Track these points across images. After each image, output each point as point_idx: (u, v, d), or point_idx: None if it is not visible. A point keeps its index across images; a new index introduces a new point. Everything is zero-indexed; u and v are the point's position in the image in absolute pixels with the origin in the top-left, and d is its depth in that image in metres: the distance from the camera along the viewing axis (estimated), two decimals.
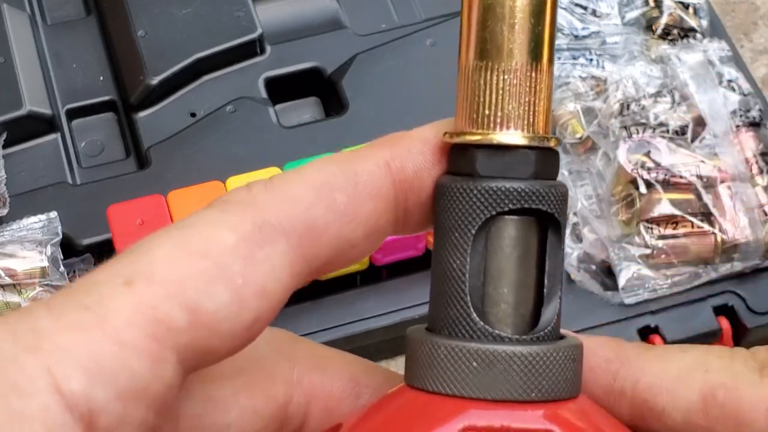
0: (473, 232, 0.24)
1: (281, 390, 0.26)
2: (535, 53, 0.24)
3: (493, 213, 0.24)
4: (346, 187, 0.24)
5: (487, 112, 0.24)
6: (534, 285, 0.24)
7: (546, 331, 0.24)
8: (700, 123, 0.68)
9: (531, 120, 0.24)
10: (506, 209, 0.24)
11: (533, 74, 0.24)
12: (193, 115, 0.71)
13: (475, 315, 0.24)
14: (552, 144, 0.24)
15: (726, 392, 0.24)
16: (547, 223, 0.24)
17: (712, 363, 0.25)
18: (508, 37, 0.24)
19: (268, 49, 0.74)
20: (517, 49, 0.24)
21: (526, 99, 0.24)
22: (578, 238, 0.67)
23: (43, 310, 0.22)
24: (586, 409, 0.24)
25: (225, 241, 0.23)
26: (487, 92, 0.24)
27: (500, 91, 0.24)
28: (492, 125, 0.24)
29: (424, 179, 0.25)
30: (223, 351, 0.23)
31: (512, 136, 0.24)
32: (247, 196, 0.24)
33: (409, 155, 0.25)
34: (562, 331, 0.25)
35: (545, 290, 0.24)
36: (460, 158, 0.24)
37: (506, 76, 0.24)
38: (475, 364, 0.23)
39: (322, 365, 0.27)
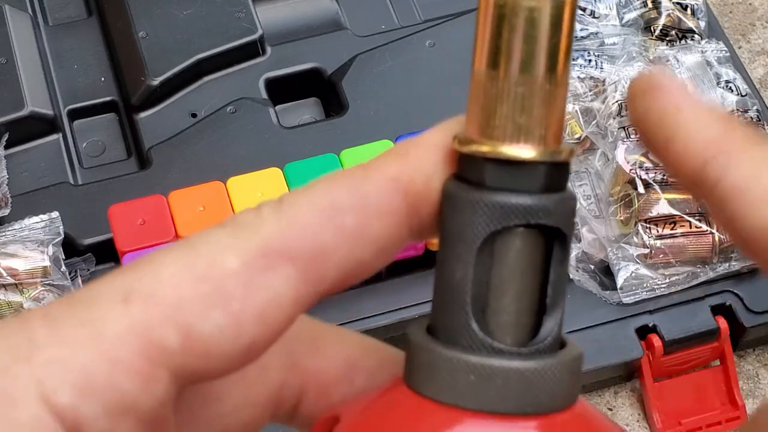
0: (478, 244, 0.23)
1: (275, 376, 0.26)
2: (549, 65, 0.23)
3: (499, 227, 0.23)
4: (355, 208, 0.23)
5: (497, 123, 0.23)
6: (537, 296, 0.24)
7: (546, 342, 0.24)
8: None
9: (543, 133, 0.23)
10: (512, 224, 0.23)
11: (547, 86, 0.23)
12: (193, 115, 0.72)
13: (475, 325, 0.23)
14: (563, 157, 0.23)
15: None
16: (553, 236, 0.24)
17: None
18: (523, 48, 0.23)
19: (269, 49, 0.74)
20: (531, 60, 0.23)
21: (539, 111, 0.23)
22: (577, 238, 0.67)
23: (39, 320, 0.22)
24: (581, 418, 0.24)
25: (228, 266, 0.22)
26: (499, 103, 0.23)
27: (512, 103, 0.23)
28: (502, 137, 0.23)
29: (436, 187, 0.24)
30: (219, 372, 0.23)
31: (522, 150, 0.23)
32: (255, 219, 0.23)
33: (418, 165, 0.24)
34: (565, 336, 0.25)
35: (548, 301, 0.24)
36: (468, 166, 0.24)
37: (518, 88, 0.23)
38: (472, 377, 0.23)
39: (318, 346, 0.27)
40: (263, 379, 0.26)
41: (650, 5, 0.74)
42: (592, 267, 0.66)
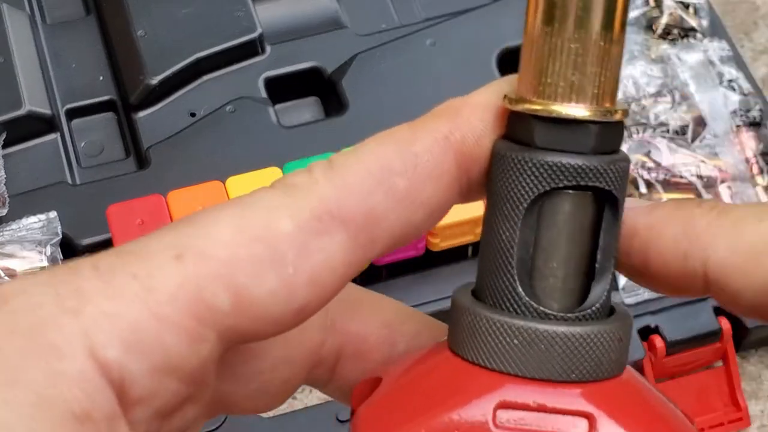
0: (525, 205, 0.23)
1: (314, 336, 0.26)
2: (606, 21, 0.22)
3: (548, 188, 0.23)
4: (406, 170, 0.23)
5: (549, 81, 0.23)
6: (585, 260, 0.23)
7: (594, 308, 0.23)
8: (700, 123, 0.68)
9: (596, 92, 0.23)
10: (561, 185, 0.23)
11: (602, 44, 0.22)
12: (192, 115, 0.71)
13: (520, 289, 0.23)
14: (617, 117, 0.23)
15: None
16: (604, 198, 0.23)
17: None
18: (578, 3, 0.22)
19: (268, 48, 0.74)
20: (588, 16, 0.22)
21: (593, 70, 0.22)
22: None
23: (90, 270, 0.22)
24: (628, 387, 0.24)
25: (282, 228, 0.22)
26: (552, 60, 0.22)
27: (566, 60, 0.22)
28: (554, 96, 0.23)
29: (486, 147, 0.24)
30: (267, 333, 0.23)
31: (574, 109, 0.22)
32: (308, 181, 0.23)
33: (469, 125, 0.24)
34: (614, 303, 0.24)
35: (597, 266, 0.23)
36: (518, 125, 0.23)
37: (573, 45, 0.22)
38: (516, 341, 0.23)
39: (357, 310, 0.27)
40: (302, 338, 0.26)
41: (652, 4, 0.73)
42: None
